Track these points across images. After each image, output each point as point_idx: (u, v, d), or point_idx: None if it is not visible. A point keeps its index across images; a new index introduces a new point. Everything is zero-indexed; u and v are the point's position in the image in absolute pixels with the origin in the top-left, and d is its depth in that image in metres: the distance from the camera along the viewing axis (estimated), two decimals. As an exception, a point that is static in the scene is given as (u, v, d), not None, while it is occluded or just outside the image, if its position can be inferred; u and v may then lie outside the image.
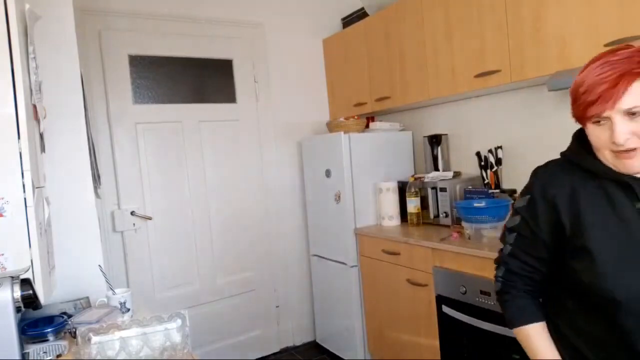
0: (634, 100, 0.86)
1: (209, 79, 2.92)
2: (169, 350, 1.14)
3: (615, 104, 0.86)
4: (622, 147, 0.88)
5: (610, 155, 0.92)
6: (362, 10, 3.09)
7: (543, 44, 1.90)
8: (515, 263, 1.06)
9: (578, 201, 0.97)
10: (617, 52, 0.90)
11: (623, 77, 0.86)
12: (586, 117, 0.91)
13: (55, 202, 1.53)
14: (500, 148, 2.40)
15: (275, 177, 3.12)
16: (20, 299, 1.03)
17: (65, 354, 1.26)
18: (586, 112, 0.90)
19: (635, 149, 0.88)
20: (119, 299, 1.49)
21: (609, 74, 0.87)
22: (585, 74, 0.92)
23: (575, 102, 0.94)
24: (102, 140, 2.54)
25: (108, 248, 2.49)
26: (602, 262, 0.92)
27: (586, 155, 0.98)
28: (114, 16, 2.58)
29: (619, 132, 0.87)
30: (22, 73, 1.11)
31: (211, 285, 2.89)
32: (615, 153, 0.91)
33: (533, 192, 1.04)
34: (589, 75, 0.90)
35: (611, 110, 0.87)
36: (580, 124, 0.97)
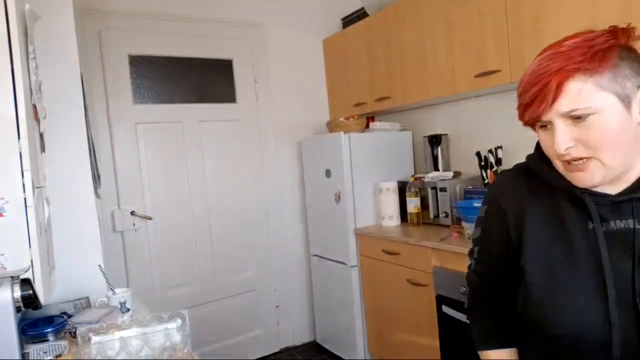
0: (573, 102, 0.72)
1: (209, 79, 2.92)
2: (169, 350, 1.14)
3: (552, 107, 0.73)
4: (565, 156, 0.76)
5: (560, 165, 0.79)
6: (362, 10, 3.09)
7: (543, 44, 1.89)
8: (480, 280, 0.99)
9: (524, 215, 0.86)
10: (564, 43, 0.75)
11: (556, 74, 0.72)
12: (523, 122, 0.79)
13: (55, 202, 1.53)
14: (500, 148, 2.40)
15: (275, 177, 3.12)
16: (20, 299, 1.03)
17: (65, 354, 1.26)
18: (524, 116, 0.78)
19: (584, 159, 0.75)
20: (119, 299, 1.49)
21: (544, 71, 0.74)
22: (527, 70, 0.78)
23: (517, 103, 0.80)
24: (102, 140, 2.54)
25: (108, 248, 2.49)
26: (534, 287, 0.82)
27: (543, 163, 0.86)
28: (114, 16, 2.57)
29: (559, 139, 0.74)
30: (22, 73, 1.11)
31: (211, 285, 2.89)
32: (564, 163, 0.78)
33: (489, 201, 0.95)
34: (528, 72, 0.77)
35: (550, 114, 0.74)
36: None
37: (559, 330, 0.78)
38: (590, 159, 0.74)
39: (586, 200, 0.78)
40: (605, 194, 0.79)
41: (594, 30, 0.75)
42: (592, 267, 0.76)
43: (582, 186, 0.78)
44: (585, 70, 0.71)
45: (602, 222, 0.78)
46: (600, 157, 0.74)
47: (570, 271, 0.78)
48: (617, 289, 0.74)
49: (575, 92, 0.72)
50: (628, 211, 0.77)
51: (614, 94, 0.72)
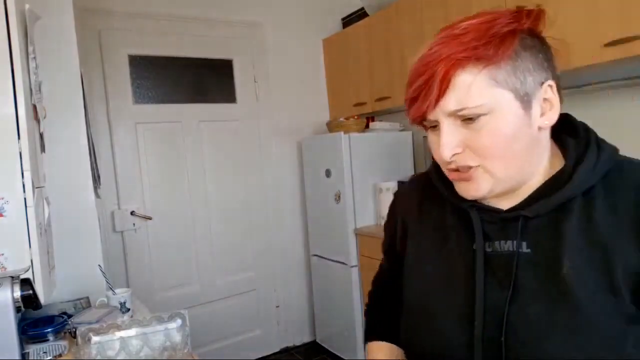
0: (462, 99, 0.59)
1: (209, 79, 2.92)
2: (169, 350, 1.14)
3: (438, 104, 0.60)
4: (452, 164, 0.63)
5: (448, 174, 0.67)
6: (362, 10, 3.09)
7: (543, 44, 1.90)
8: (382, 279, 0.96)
9: (408, 227, 0.79)
10: (460, 24, 0.61)
11: (444, 63, 0.59)
12: (412, 120, 0.65)
13: (55, 202, 1.53)
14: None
15: (275, 177, 3.12)
16: (20, 299, 1.03)
17: (65, 354, 1.26)
18: (409, 112, 0.64)
19: (473, 167, 0.63)
20: (119, 299, 1.49)
21: (432, 58, 0.60)
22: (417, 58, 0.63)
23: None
24: (102, 140, 2.54)
25: (108, 248, 2.49)
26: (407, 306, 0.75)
27: (435, 170, 0.75)
28: (114, 16, 2.57)
29: (444, 143, 0.61)
30: (22, 73, 1.11)
31: (211, 285, 2.89)
32: (449, 171, 0.66)
33: (390, 207, 0.89)
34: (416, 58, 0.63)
35: (435, 112, 0.61)
36: None
37: (422, 353, 0.71)
38: (478, 167, 0.62)
39: (472, 215, 0.67)
40: (496, 209, 0.67)
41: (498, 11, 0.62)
42: (465, 293, 0.65)
43: (467, 198, 0.66)
44: (478, 60, 0.58)
45: (488, 241, 0.66)
46: (488, 166, 0.62)
47: (444, 296, 0.68)
48: (486, 322, 0.62)
49: (465, 87, 0.59)
50: (515, 232, 0.64)
51: (512, 90, 0.60)
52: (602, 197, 0.62)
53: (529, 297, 0.61)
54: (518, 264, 0.63)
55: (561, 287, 0.59)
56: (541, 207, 0.63)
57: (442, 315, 0.68)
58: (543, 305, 0.60)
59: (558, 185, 0.63)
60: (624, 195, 0.61)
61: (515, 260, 0.63)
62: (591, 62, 1.75)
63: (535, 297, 0.61)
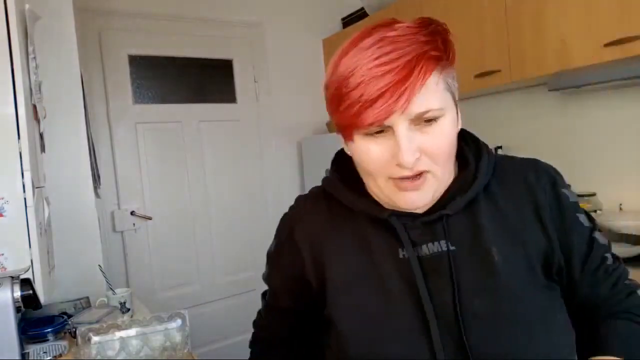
0: (429, 100, 0.57)
1: (209, 79, 2.91)
2: (169, 350, 1.14)
3: (408, 106, 0.56)
4: (409, 171, 0.60)
5: (390, 187, 0.63)
6: (362, 10, 3.09)
7: (543, 44, 1.90)
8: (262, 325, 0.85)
9: (323, 250, 0.70)
10: (395, 25, 0.59)
11: (418, 63, 0.56)
12: (358, 126, 0.59)
13: (55, 202, 1.53)
14: (500, 148, 2.40)
15: (275, 177, 3.12)
16: (20, 299, 1.03)
17: (65, 354, 1.26)
18: (360, 119, 0.58)
19: (423, 173, 0.61)
20: (119, 299, 1.49)
21: (394, 58, 0.56)
22: (352, 60, 0.59)
23: (338, 104, 0.60)
24: (102, 140, 2.54)
25: (108, 248, 2.48)
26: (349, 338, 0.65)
27: (339, 184, 0.72)
28: (114, 16, 2.57)
29: (407, 148, 0.58)
30: (22, 73, 1.11)
31: (211, 285, 2.89)
32: (396, 181, 0.62)
33: (280, 234, 0.77)
34: (360, 61, 0.58)
35: (396, 116, 0.57)
36: (343, 136, 0.65)
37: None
38: (428, 173, 0.62)
39: (394, 223, 0.65)
40: (413, 214, 0.66)
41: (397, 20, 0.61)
42: (410, 303, 0.63)
43: (411, 208, 0.64)
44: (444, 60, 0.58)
45: (414, 247, 0.65)
46: (436, 170, 0.62)
47: (388, 312, 0.64)
48: (440, 325, 0.62)
49: (433, 88, 0.58)
50: (440, 232, 0.65)
51: (452, 93, 0.62)
52: (499, 190, 0.68)
53: (471, 293, 0.63)
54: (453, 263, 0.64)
55: (495, 276, 0.63)
56: (458, 205, 0.66)
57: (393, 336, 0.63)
58: (485, 298, 0.62)
59: (466, 183, 0.67)
60: (516, 188, 0.69)
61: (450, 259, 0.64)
62: (591, 62, 1.75)
63: (475, 292, 0.63)
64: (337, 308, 0.67)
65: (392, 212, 0.66)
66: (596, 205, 2.02)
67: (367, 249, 0.68)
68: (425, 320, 0.62)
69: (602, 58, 1.71)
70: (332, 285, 0.68)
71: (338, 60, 0.62)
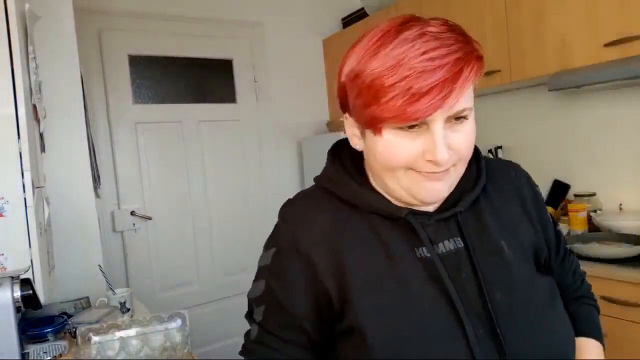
0: (465, 99, 0.58)
1: (209, 79, 2.91)
2: (169, 350, 1.14)
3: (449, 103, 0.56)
4: (438, 168, 0.60)
5: (410, 177, 0.62)
6: (362, 10, 3.09)
7: (543, 44, 1.90)
8: (265, 353, 0.68)
9: (338, 254, 0.64)
10: (430, 22, 0.60)
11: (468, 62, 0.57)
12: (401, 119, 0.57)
13: (55, 202, 1.53)
14: (500, 148, 2.40)
15: (275, 177, 3.12)
16: (20, 299, 1.03)
17: (65, 354, 1.26)
18: (406, 112, 0.56)
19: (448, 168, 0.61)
20: (119, 299, 1.49)
21: (443, 54, 0.56)
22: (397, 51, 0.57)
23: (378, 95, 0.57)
24: (102, 140, 2.54)
25: (108, 248, 2.49)
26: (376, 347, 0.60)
27: (348, 180, 0.69)
28: (114, 16, 2.57)
29: (442, 144, 0.58)
30: (22, 73, 1.11)
31: (211, 285, 2.89)
32: (420, 175, 0.61)
33: (279, 242, 0.70)
34: (407, 53, 0.56)
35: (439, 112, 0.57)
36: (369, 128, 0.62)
37: None
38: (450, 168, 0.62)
39: (412, 221, 0.64)
40: (428, 212, 0.67)
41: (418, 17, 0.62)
42: (438, 301, 0.62)
43: (431, 200, 0.64)
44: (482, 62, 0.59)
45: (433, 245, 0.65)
46: (458, 165, 0.63)
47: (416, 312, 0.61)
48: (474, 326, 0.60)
49: (471, 87, 0.59)
50: (453, 229, 0.66)
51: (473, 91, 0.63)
52: (491, 188, 0.72)
53: (491, 286, 0.64)
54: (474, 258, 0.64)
55: (508, 269, 0.66)
56: (467, 202, 0.68)
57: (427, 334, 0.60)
58: (504, 290, 0.64)
59: (470, 182, 0.69)
60: (504, 185, 0.73)
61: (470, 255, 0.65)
62: (591, 62, 1.75)
63: (494, 285, 0.64)
64: (363, 312, 0.61)
65: (409, 210, 0.65)
66: (596, 205, 2.01)
67: (383, 248, 0.64)
68: (456, 317, 0.61)
69: (602, 58, 1.71)
70: (355, 288, 0.62)
71: (373, 50, 0.59)
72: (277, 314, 0.67)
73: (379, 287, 0.62)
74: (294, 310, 0.65)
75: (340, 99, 0.68)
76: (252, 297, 0.72)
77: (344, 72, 0.66)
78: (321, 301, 0.65)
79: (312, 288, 0.65)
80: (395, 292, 0.62)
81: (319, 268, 0.64)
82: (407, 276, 0.63)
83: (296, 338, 0.66)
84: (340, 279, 0.63)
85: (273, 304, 0.68)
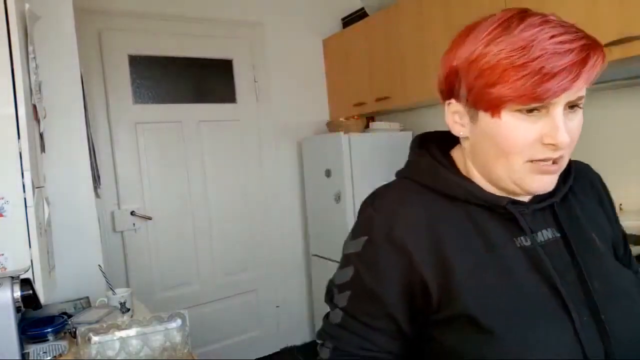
0: (585, 87, 0.60)
1: (209, 79, 2.92)
2: (169, 350, 1.14)
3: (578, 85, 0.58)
4: (554, 153, 0.61)
5: (525, 167, 0.63)
6: (362, 10, 3.09)
7: (543, 44, 1.90)
8: (350, 338, 0.67)
9: (439, 243, 0.64)
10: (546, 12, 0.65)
11: (595, 49, 0.59)
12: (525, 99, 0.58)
13: (55, 202, 1.53)
14: (500, 148, 2.40)
15: (275, 177, 3.12)
16: (20, 299, 1.03)
17: (65, 354, 1.26)
18: (537, 90, 0.57)
19: (559, 158, 0.62)
20: (119, 299, 1.49)
21: (571, 39, 0.58)
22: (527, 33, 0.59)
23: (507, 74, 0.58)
24: (102, 140, 2.54)
25: (108, 248, 2.49)
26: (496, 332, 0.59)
27: (444, 171, 0.69)
28: (114, 16, 2.57)
29: (563, 128, 0.59)
30: (22, 73, 1.11)
31: (211, 285, 2.89)
32: (535, 164, 0.62)
33: (371, 231, 0.67)
34: (537, 35, 0.59)
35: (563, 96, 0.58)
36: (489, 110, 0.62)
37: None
38: (560, 158, 0.62)
39: (513, 211, 0.65)
40: (525, 203, 0.68)
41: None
42: (542, 290, 0.63)
43: (540, 191, 0.65)
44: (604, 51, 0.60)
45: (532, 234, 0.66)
46: (566, 155, 0.63)
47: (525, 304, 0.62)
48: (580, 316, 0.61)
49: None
50: (549, 219, 0.68)
51: None
52: (574, 184, 0.74)
53: (589, 275, 0.65)
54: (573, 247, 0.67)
55: (601, 259, 0.69)
56: (562, 193, 0.70)
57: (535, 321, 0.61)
58: (600, 278, 0.66)
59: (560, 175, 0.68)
60: (585, 183, 0.77)
61: (570, 244, 0.67)
62: (591, 62, 1.75)
63: (591, 274, 0.65)
64: (472, 299, 0.61)
65: (509, 200, 0.66)
66: (596, 205, 2.01)
67: (482, 237, 0.65)
68: (561, 304, 0.62)
69: (602, 58, 1.71)
70: (459, 277, 0.62)
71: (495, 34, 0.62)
72: (365, 302, 0.67)
73: (483, 275, 0.63)
74: (385, 299, 0.65)
75: (447, 85, 0.70)
76: (338, 282, 0.71)
77: (457, 57, 0.67)
78: (415, 291, 0.64)
79: (405, 278, 0.64)
80: (500, 280, 0.63)
81: (415, 258, 0.64)
82: (509, 265, 0.64)
83: (385, 327, 0.66)
84: (441, 268, 0.63)
85: (361, 291, 0.67)
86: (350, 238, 0.71)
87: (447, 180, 0.68)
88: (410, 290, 0.65)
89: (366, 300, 0.67)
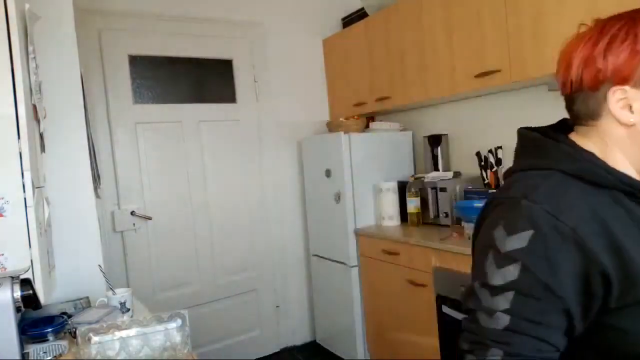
0: None
1: (209, 79, 2.92)
2: (169, 350, 1.14)
3: None
4: None
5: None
6: (362, 10, 3.09)
7: (543, 44, 1.90)
8: (523, 341, 0.62)
9: (611, 230, 0.63)
10: None
11: None
12: None
13: (55, 202, 1.53)
14: (500, 148, 2.40)
15: (275, 177, 3.12)
16: (20, 299, 1.03)
17: (65, 354, 1.26)
18: None
19: None
20: (119, 299, 1.49)
21: None
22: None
23: None
24: (102, 140, 2.54)
25: (108, 248, 2.49)
26: None
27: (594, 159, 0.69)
28: (114, 16, 2.57)
29: None
30: (22, 73, 1.11)
31: (211, 285, 2.89)
32: None
33: (536, 224, 0.64)
34: None
35: None
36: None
37: None
38: None
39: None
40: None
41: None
42: None
43: None
44: None
45: None
46: None
47: None
48: None
49: None
50: None
51: None
52: None
53: None
54: None
55: None
56: None
57: None
58: None
59: None
60: None
61: None
62: (591, 62, 1.75)
63: None
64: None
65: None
66: (596, 205, 2.01)
67: (637, 223, 0.65)
68: None
69: (602, 58, 1.71)
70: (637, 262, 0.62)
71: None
72: (537, 299, 0.63)
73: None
74: (561, 292, 0.62)
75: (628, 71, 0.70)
76: (497, 283, 0.65)
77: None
78: (593, 281, 0.62)
79: (582, 269, 0.62)
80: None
81: (590, 247, 0.61)
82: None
83: (560, 324, 0.63)
84: (617, 254, 0.62)
85: (533, 287, 0.63)
86: (509, 234, 0.65)
87: (597, 168, 0.67)
88: (588, 281, 0.62)
89: (538, 297, 0.63)
